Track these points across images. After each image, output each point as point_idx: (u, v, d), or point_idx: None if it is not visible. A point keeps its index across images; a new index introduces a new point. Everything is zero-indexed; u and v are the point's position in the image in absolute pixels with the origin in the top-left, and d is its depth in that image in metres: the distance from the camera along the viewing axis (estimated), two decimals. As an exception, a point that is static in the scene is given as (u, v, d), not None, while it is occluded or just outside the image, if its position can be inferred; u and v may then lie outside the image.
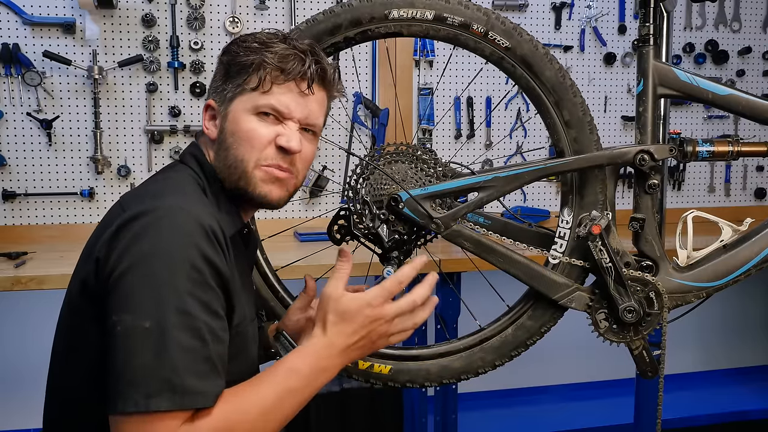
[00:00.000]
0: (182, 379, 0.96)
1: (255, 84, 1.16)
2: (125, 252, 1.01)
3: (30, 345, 2.54)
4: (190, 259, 1.01)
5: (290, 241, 2.51)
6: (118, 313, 0.99)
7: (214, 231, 1.06)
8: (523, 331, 1.43)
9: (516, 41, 1.33)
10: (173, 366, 0.96)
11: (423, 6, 1.33)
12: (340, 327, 1.12)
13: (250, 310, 1.26)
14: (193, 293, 1.00)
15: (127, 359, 0.97)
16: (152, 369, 0.96)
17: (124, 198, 1.17)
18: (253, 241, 1.37)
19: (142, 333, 0.97)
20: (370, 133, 2.80)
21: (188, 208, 1.05)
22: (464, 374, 1.45)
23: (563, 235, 1.40)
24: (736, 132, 3.21)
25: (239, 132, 1.17)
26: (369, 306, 1.13)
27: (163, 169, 1.26)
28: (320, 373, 1.11)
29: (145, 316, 0.97)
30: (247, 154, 1.17)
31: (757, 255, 1.38)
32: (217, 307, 1.04)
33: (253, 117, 1.17)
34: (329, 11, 1.34)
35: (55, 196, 2.55)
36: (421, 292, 1.17)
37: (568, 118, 1.36)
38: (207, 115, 1.23)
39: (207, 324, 1.01)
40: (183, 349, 0.97)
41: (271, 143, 1.17)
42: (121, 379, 0.96)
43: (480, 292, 1.65)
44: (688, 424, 3.03)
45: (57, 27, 2.48)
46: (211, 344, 1.01)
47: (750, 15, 3.19)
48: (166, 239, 1.01)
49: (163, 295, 0.98)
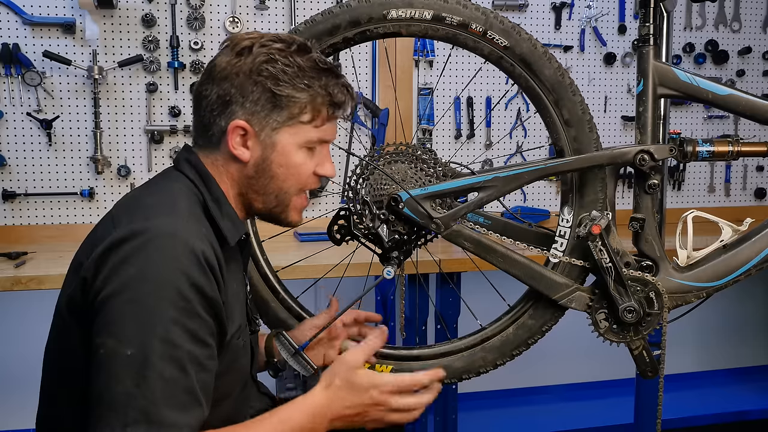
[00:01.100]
0: (159, 410, 0.95)
1: (308, 119, 1.16)
2: (113, 275, 1.00)
3: (30, 345, 2.53)
4: (177, 286, 1.00)
5: (290, 242, 2.51)
6: (102, 336, 0.98)
7: (206, 256, 1.04)
8: (524, 330, 1.43)
9: (515, 40, 1.33)
10: (152, 397, 0.95)
11: (421, 6, 1.33)
12: (343, 395, 1.15)
13: (242, 317, 1.24)
14: (178, 321, 0.99)
15: (108, 384, 0.97)
16: (131, 398, 0.95)
17: (116, 210, 1.15)
18: (249, 246, 1.36)
19: (124, 360, 0.96)
20: (370, 133, 2.80)
21: (179, 232, 1.04)
22: (466, 374, 1.45)
23: (564, 234, 1.40)
24: (736, 132, 3.21)
25: (290, 166, 1.18)
26: (378, 389, 1.16)
27: (159, 176, 1.23)
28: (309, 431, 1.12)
29: (128, 342, 0.97)
30: (294, 187, 1.20)
31: (757, 255, 1.39)
32: (204, 336, 1.03)
33: (303, 151, 1.18)
34: (328, 12, 1.34)
35: (55, 196, 2.54)
36: (427, 399, 1.23)
37: (568, 116, 1.36)
38: (236, 136, 1.15)
39: (191, 353, 0.99)
40: (163, 380, 0.96)
41: (312, 173, 1.21)
42: (102, 403, 0.96)
43: (480, 292, 1.65)
44: (688, 424, 3.03)
45: (57, 27, 2.48)
46: (193, 374, 1.00)
47: (750, 15, 3.19)
48: (154, 265, 1.00)
49: (148, 322, 0.97)
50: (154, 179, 1.23)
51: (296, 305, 1.50)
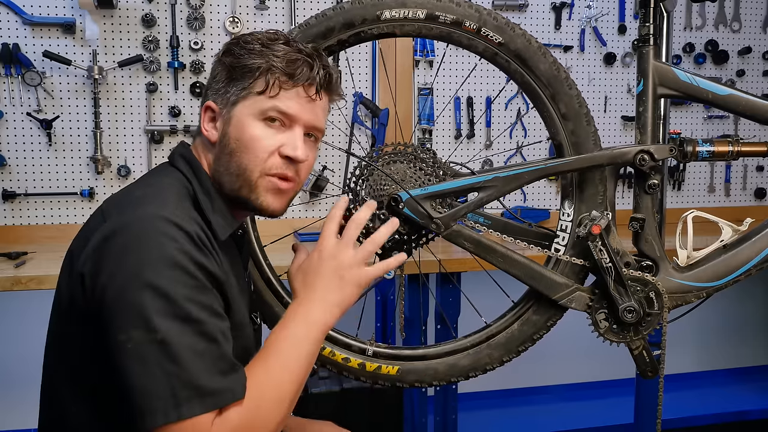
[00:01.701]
0: (206, 381, 0.97)
1: (262, 88, 1.13)
2: (116, 270, 1.00)
3: (30, 345, 2.53)
4: (181, 265, 1.00)
5: (290, 242, 2.50)
6: (126, 331, 0.97)
7: (198, 235, 1.05)
8: (529, 325, 1.43)
9: (509, 36, 1.33)
10: (194, 371, 0.96)
11: (414, 5, 1.32)
12: (303, 286, 1.18)
13: (245, 314, 1.24)
14: (192, 298, 1.00)
15: (145, 375, 0.96)
16: (172, 378, 0.95)
17: (106, 204, 1.15)
18: (247, 243, 1.36)
19: (154, 347, 0.96)
20: (369, 133, 2.80)
21: (170, 216, 1.04)
22: (472, 371, 1.45)
23: (565, 228, 1.40)
24: (736, 132, 3.21)
25: (244, 138, 1.14)
26: (318, 254, 1.19)
27: (151, 171, 1.24)
28: (311, 327, 1.13)
29: (154, 330, 0.96)
30: (252, 162, 1.14)
31: (757, 255, 1.38)
32: (218, 308, 1.05)
33: (259, 123, 1.14)
34: (322, 15, 1.34)
35: (55, 196, 2.55)
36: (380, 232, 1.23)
37: (565, 110, 1.36)
38: (206, 117, 1.19)
39: (214, 325, 1.01)
40: (198, 354, 0.98)
41: (276, 152, 1.15)
42: (144, 395, 0.96)
43: (480, 291, 1.65)
44: (688, 424, 3.04)
45: (57, 27, 2.48)
46: (222, 342, 1.02)
47: (750, 15, 3.19)
48: (153, 249, 1.00)
49: (165, 306, 0.98)
50: (146, 174, 1.24)
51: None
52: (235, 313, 1.15)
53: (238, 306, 1.18)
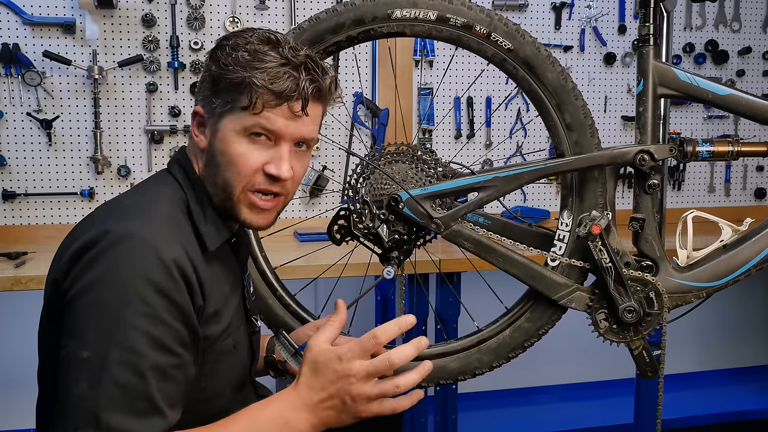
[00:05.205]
0: (109, 415, 0.94)
1: (245, 104, 1.09)
2: (80, 276, 1.00)
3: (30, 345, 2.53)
4: (139, 291, 0.98)
5: (290, 242, 2.51)
6: (65, 337, 0.99)
7: (176, 260, 1.02)
8: (520, 333, 1.43)
9: (518, 43, 1.33)
10: (104, 402, 0.94)
11: (426, 6, 1.33)
12: (309, 380, 1.08)
13: (232, 317, 1.21)
14: (138, 327, 0.97)
15: (66, 385, 0.97)
16: (83, 400, 0.95)
17: (97, 211, 1.14)
18: (245, 246, 1.34)
19: (81, 362, 0.96)
20: (370, 133, 2.80)
21: (148, 236, 1.02)
22: (461, 375, 1.45)
23: (562, 238, 1.40)
24: (736, 132, 3.21)
25: (228, 154, 1.11)
26: (338, 360, 1.06)
27: (148, 179, 1.23)
28: (282, 426, 1.06)
29: (86, 345, 0.96)
30: (235, 179, 1.12)
31: (757, 255, 1.38)
32: (170, 343, 1.00)
33: (243, 139, 1.11)
34: (332, 10, 1.34)
35: (55, 196, 2.55)
36: (404, 352, 1.08)
37: (570, 120, 1.36)
38: (195, 122, 1.17)
39: (152, 360, 0.98)
40: (117, 385, 0.95)
41: (260, 169, 1.12)
42: (59, 403, 0.97)
43: (480, 292, 1.65)
44: (688, 424, 3.03)
45: (57, 27, 2.48)
46: (153, 382, 0.97)
47: (750, 15, 3.19)
48: (119, 268, 0.99)
49: (108, 326, 0.97)
50: (143, 182, 1.23)
51: (293, 303, 1.50)
52: (222, 320, 1.15)
53: (228, 312, 1.17)
